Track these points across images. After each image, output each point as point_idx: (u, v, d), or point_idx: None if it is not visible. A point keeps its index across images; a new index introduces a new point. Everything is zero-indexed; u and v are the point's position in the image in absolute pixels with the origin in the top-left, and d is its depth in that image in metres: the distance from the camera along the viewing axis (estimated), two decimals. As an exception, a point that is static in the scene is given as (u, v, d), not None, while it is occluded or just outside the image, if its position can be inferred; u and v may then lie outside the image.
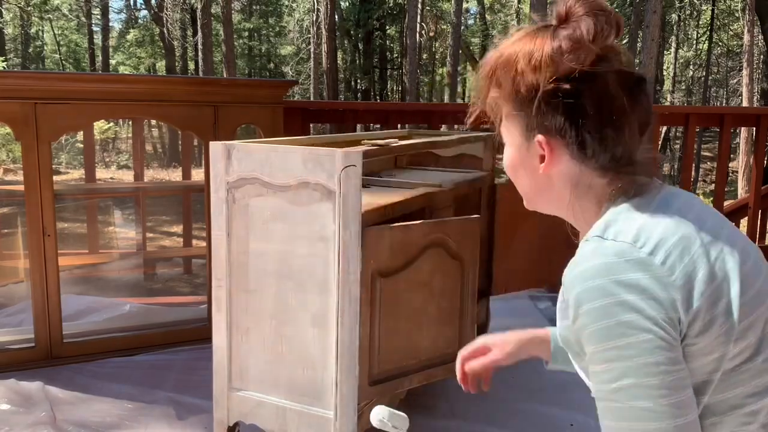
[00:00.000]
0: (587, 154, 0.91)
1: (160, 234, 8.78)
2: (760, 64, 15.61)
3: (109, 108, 2.74)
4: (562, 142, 0.92)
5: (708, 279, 0.84)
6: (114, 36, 27.02)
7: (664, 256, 0.84)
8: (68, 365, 2.67)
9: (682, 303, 0.83)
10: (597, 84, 0.89)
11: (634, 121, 0.91)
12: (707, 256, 0.86)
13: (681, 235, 0.86)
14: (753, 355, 0.86)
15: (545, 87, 0.90)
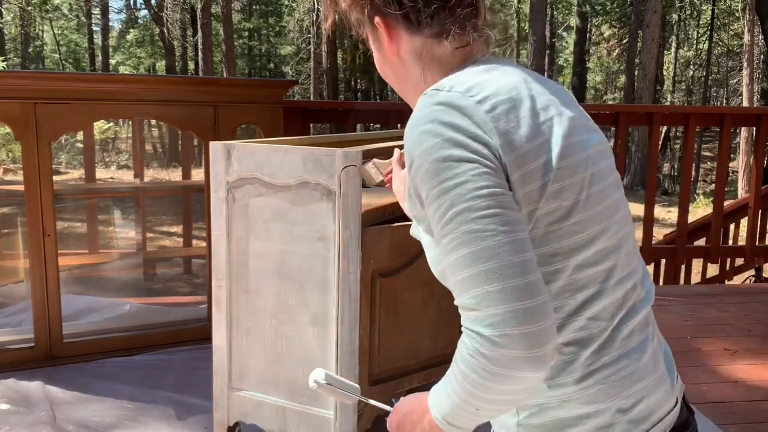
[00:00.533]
0: (415, 24, 0.95)
1: (160, 234, 8.78)
2: (760, 64, 15.62)
3: (109, 108, 2.74)
4: (393, 18, 0.95)
5: (530, 136, 0.86)
6: (114, 36, 27.04)
7: (491, 106, 0.86)
8: (68, 365, 2.67)
9: (503, 148, 0.84)
10: None
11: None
12: (535, 117, 0.88)
13: (514, 96, 0.89)
14: (563, 218, 0.87)
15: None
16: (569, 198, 0.87)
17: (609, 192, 0.93)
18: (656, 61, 15.94)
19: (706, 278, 4.90)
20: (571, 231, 0.87)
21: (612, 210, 0.92)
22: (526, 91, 0.91)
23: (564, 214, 0.87)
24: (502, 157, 0.84)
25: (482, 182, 0.82)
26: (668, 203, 14.11)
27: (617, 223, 0.93)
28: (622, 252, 0.93)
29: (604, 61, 25.59)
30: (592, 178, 0.90)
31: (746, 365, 2.82)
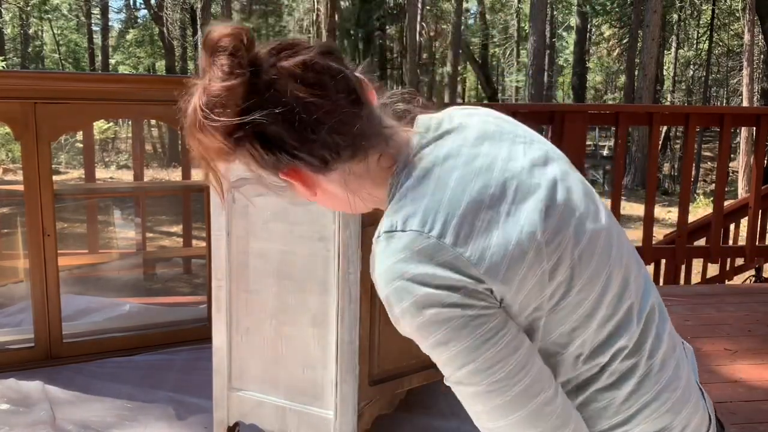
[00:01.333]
0: (320, 165, 0.86)
1: (160, 234, 8.78)
2: (761, 64, 15.62)
3: (109, 108, 2.74)
4: (293, 167, 0.88)
5: (504, 242, 0.80)
6: (113, 36, 27.03)
7: (454, 235, 0.80)
8: (68, 365, 2.67)
9: (487, 275, 0.79)
10: (261, 103, 0.83)
11: (334, 100, 0.84)
12: (498, 216, 0.82)
13: (467, 202, 0.82)
14: (566, 291, 0.84)
15: (231, 144, 0.87)
16: (565, 268, 0.83)
17: (594, 225, 0.87)
18: (656, 61, 15.95)
19: (706, 278, 4.90)
20: (579, 299, 0.84)
21: (606, 246, 0.88)
22: (476, 182, 0.83)
23: (566, 287, 0.84)
24: (487, 282, 0.80)
25: (473, 337, 0.80)
26: (668, 203, 14.11)
27: (616, 258, 0.89)
28: (632, 284, 0.90)
29: (604, 61, 25.60)
30: (576, 229, 0.85)
31: (746, 365, 2.82)
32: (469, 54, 24.91)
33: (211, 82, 0.84)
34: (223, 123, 0.84)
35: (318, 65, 0.85)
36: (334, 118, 0.84)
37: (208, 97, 0.84)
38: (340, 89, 0.85)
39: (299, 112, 0.83)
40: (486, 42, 27.31)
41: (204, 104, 0.84)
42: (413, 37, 17.94)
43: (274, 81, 0.83)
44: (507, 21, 27.85)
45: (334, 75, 0.85)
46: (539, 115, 4.50)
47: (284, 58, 0.85)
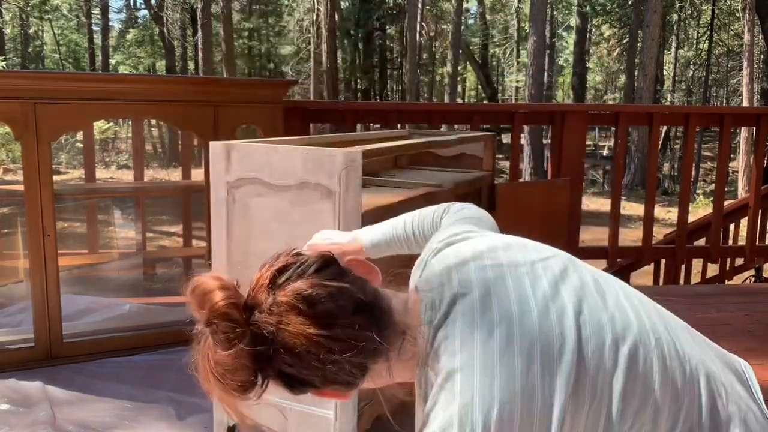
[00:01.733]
0: (348, 387, 0.87)
1: (160, 234, 8.78)
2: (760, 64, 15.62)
3: (109, 108, 2.74)
4: (322, 392, 0.88)
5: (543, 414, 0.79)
6: (114, 36, 27.03)
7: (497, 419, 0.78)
8: (68, 365, 2.67)
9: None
10: (272, 353, 0.83)
11: (342, 324, 0.84)
12: (530, 405, 0.80)
13: (503, 396, 0.79)
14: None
15: (251, 383, 0.84)
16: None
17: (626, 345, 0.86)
18: (656, 61, 15.95)
19: (706, 278, 4.89)
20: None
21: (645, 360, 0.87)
22: (500, 371, 0.81)
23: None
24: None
25: None
26: (668, 203, 14.11)
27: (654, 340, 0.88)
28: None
29: (604, 61, 25.59)
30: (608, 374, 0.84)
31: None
32: (469, 54, 24.90)
33: (216, 352, 0.83)
34: (238, 381, 0.83)
35: (318, 295, 0.84)
36: (349, 342, 0.83)
37: (217, 365, 0.83)
38: (347, 306, 0.85)
39: (313, 351, 0.82)
40: (486, 42, 27.30)
41: (215, 371, 0.83)
42: (413, 37, 17.94)
43: (279, 328, 0.82)
44: (507, 21, 27.84)
45: (335, 297, 0.85)
46: (539, 115, 4.51)
47: (281, 290, 0.85)
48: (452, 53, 19.05)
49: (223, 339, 0.83)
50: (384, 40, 24.39)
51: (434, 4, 24.96)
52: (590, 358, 0.83)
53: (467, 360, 0.82)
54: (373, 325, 0.85)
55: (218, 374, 0.84)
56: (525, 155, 15.39)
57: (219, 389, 0.85)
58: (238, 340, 0.82)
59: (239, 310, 0.84)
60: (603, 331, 0.86)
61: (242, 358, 0.82)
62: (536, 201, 2.93)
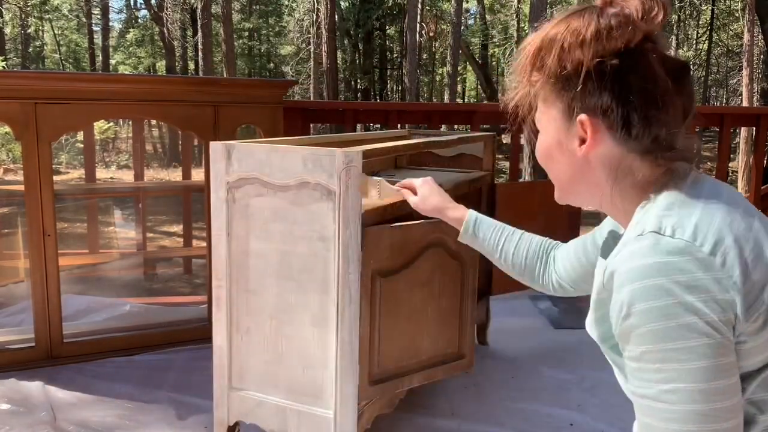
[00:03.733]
0: (631, 134, 0.89)
1: (160, 234, 8.78)
2: (760, 64, 15.61)
3: (109, 108, 2.74)
4: (605, 121, 0.90)
5: (765, 280, 0.83)
6: (114, 36, 27.02)
7: (723, 256, 0.82)
8: (68, 365, 2.67)
9: (741, 304, 0.81)
10: (644, 63, 0.88)
11: (679, 106, 0.90)
12: (763, 256, 0.84)
13: (736, 235, 0.84)
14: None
15: (592, 63, 0.88)
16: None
17: None
18: (656, 61, 15.93)
19: (706, 278, 4.89)
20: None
21: None
22: (743, 224, 0.86)
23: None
24: (739, 313, 0.81)
25: (712, 361, 0.80)
26: (668, 203, 14.08)
27: None
28: None
29: (604, 61, 25.56)
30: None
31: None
32: (469, 54, 24.89)
33: (626, 11, 0.89)
34: (627, 39, 0.88)
35: (689, 72, 0.93)
36: (671, 114, 0.89)
37: (619, 20, 0.88)
38: (686, 105, 0.92)
39: (644, 83, 0.88)
40: (486, 42, 27.30)
41: (614, 23, 0.88)
42: (413, 37, 17.93)
43: (653, 50, 0.90)
44: (507, 21, 27.84)
45: (688, 90, 0.92)
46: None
47: (666, 49, 0.92)
48: (452, 53, 19.04)
49: (636, 12, 0.89)
50: (384, 40, 24.38)
51: (434, 4, 24.95)
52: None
53: (714, 205, 0.88)
54: (681, 131, 0.92)
55: (595, 29, 0.88)
56: (525, 155, 15.39)
57: (577, 45, 0.89)
58: (627, 27, 0.88)
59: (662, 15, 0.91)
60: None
61: (625, 32, 0.88)
62: (536, 201, 2.93)
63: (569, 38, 0.89)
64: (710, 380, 0.80)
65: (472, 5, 28.84)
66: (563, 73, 0.90)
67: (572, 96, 0.91)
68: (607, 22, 0.88)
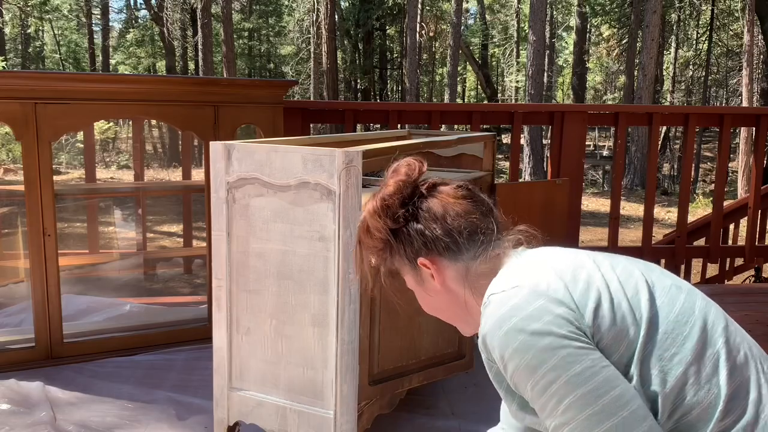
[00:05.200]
0: (457, 250, 1.10)
1: (160, 234, 8.78)
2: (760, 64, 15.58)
3: (109, 108, 2.74)
4: (435, 253, 1.10)
5: (588, 293, 0.99)
6: (114, 36, 27.02)
7: (547, 284, 1.00)
8: (68, 365, 2.67)
9: (579, 311, 0.97)
10: (428, 203, 1.10)
11: (478, 210, 1.12)
12: (579, 278, 1.01)
13: (555, 269, 1.03)
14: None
15: (392, 226, 1.11)
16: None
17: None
18: (656, 61, 15.94)
19: (706, 278, 4.89)
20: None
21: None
22: (587, 265, 1.05)
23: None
24: (582, 320, 0.97)
25: (582, 364, 0.93)
26: (668, 203, 14.11)
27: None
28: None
29: (604, 62, 25.59)
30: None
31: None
32: (469, 54, 24.89)
33: (387, 183, 1.14)
34: (391, 207, 1.11)
35: (465, 186, 1.14)
36: (471, 220, 1.10)
37: (385, 189, 1.13)
38: (480, 204, 1.13)
39: (447, 211, 1.09)
40: (486, 42, 27.30)
41: (380, 196, 1.13)
42: (413, 37, 17.93)
43: (433, 190, 1.12)
44: (507, 21, 27.83)
45: (477, 194, 1.14)
46: (539, 116, 4.51)
47: (440, 184, 1.14)
48: (452, 53, 19.04)
49: (398, 179, 1.13)
50: (384, 40, 24.38)
51: (434, 4, 24.95)
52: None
53: (540, 264, 1.09)
54: (488, 227, 1.12)
55: (381, 199, 1.12)
56: (525, 155, 15.39)
57: (374, 219, 1.12)
58: (406, 185, 1.12)
59: (418, 174, 1.14)
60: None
61: (403, 187, 1.12)
62: (536, 201, 2.93)
63: (369, 217, 1.13)
64: (588, 381, 0.91)
65: (472, 5, 28.84)
66: (385, 244, 1.13)
67: (403, 251, 1.12)
68: (387, 191, 1.12)
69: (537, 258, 1.08)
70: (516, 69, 25.46)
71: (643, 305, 0.99)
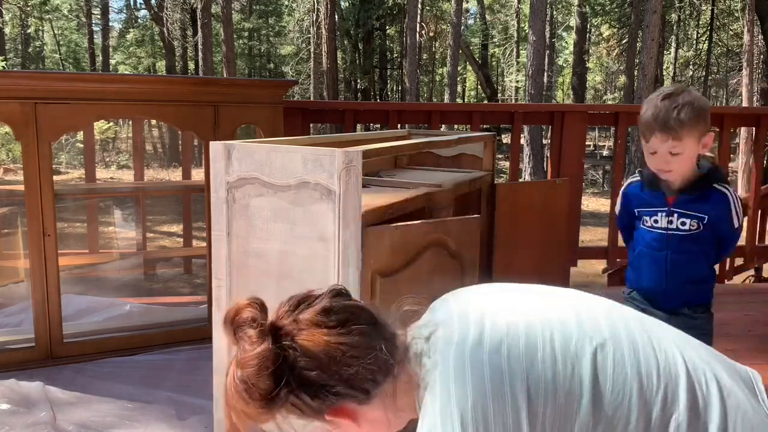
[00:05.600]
0: (364, 395, 0.95)
1: (160, 234, 8.78)
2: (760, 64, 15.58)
3: (109, 108, 2.74)
4: (337, 406, 0.95)
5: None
6: (114, 36, 27.02)
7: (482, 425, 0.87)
8: (68, 365, 2.67)
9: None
10: (294, 354, 0.94)
11: (358, 333, 0.95)
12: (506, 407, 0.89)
13: (474, 398, 0.88)
14: None
15: (272, 405, 0.94)
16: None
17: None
18: (656, 62, 15.94)
19: (706, 278, 4.88)
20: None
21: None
22: (478, 380, 0.91)
23: None
24: None
25: None
26: (668, 203, 14.07)
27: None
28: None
29: (604, 61, 25.59)
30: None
31: (746, 365, 2.81)
32: (469, 54, 24.89)
33: (242, 355, 0.93)
34: (261, 389, 0.92)
35: (336, 307, 0.96)
36: (364, 350, 0.94)
37: (242, 370, 0.93)
38: (361, 321, 0.96)
39: (332, 356, 0.92)
40: (486, 42, 27.29)
41: (240, 377, 0.93)
42: (413, 37, 17.93)
43: (300, 334, 0.94)
44: (507, 21, 27.84)
45: (352, 311, 0.97)
46: (539, 116, 4.51)
47: (302, 311, 0.97)
48: (452, 53, 19.03)
49: (251, 338, 0.93)
50: (384, 40, 24.38)
51: (434, 4, 24.94)
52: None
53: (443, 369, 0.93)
54: (382, 340, 0.96)
55: (242, 381, 0.93)
56: (525, 155, 15.38)
57: (242, 405, 0.94)
58: (263, 339, 0.93)
59: (263, 317, 0.97)
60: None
61: (266, 356, 0.91)
62: (536, 201, 2.93)
63: (248, 380, 0.94)
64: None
65: (472, 5, 28.84)
66: (273, 409, 0.95)
67: (306, 413, 0.96)
68: (245, 358, 0.93)
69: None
70: (516, 69, 25.46)
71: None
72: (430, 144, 2.61)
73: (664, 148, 1.71)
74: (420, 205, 2.21)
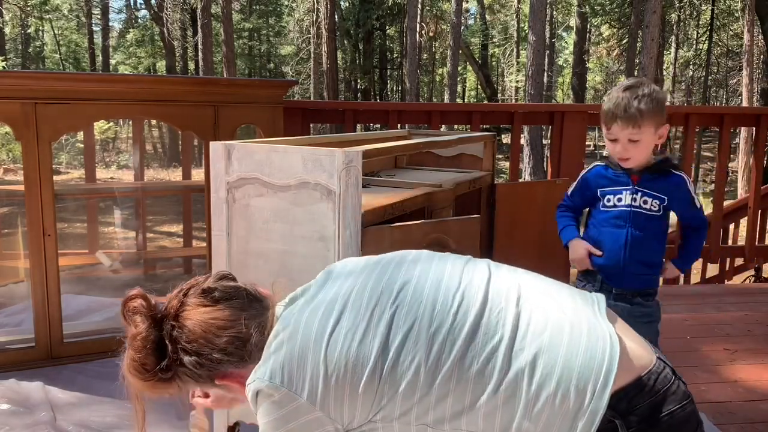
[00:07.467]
0: (247, 358, 1.08)
1: (160, 234, 8.78)
2: (760, 64, 15.59)
3: (109, 108, 2.74)
4: (223, 371, 1.09)
5: (326, 375, 1.00)
6: (114, 36, 27.03)
7: (287, 377, 1.01)
8: (68, 365, 2.67)
9: (319, 405, 1.00)
10: (168, 336, 1.08)
11: (238, 307, 1.11)
12: (320, 354, 1.02)
13: (297, 352, 1.02)
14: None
15: (163, 376, 1.08)
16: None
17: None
18: (656, 62, 15.94)
19: (706, 278, 4.89)
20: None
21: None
22: (308, 335, 1.05)
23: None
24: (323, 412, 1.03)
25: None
26: (668, 203, 14.06)
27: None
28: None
29: (604, 62, 25.59)
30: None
31: (746, 365, 2.82)
32: (469, 54, 24.89)
33: (133, 338, 1.08)
34: (147, 364, 1.07)
35: (215, 288, 1.11)
36: (235, 322, 1.08)
37: (131, 350, 1.09)
38: (236, 298, 1.11)
39: (207, 329, 1.06)
40: (486, 42, 27.30)
41: (130, 356, 1.08)
42: (413, 37, 17.93)
43: (183, 313, 1.08)
44: (507, 21, 27.84)
45: (229, 291, 1.12)
46: (539, 116, 4.51)
47: (189, 294, 1.11)
48: (452, 53, 19.03)
49: (137, 322, 1.08)
50: (384, 40, 24.38)
51: (434, 4, 24.94)
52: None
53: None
54: (254, 311, 1.11)
55: (132, 360, 1.08)
56: (525, 155, 15.38)
57: (138, 377, 1.09)
58: (143, 322, 1.08)
59: (149, 304, 1.10)
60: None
61: (146, 339, 1.07)
62: (536, 201, 2.93)
63: (134, 380, 1.11)
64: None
65: (472, 5, 28.84)
66: (163, 385, 1.11)
67: (194, 378, 1.10)
68: (132, 340, 1.09)
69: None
70: (516, 69, 25.47)
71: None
72: (430, 144, 2.62)
73: (624, 134, 1.84)
74: (420, 205, 2.21)
